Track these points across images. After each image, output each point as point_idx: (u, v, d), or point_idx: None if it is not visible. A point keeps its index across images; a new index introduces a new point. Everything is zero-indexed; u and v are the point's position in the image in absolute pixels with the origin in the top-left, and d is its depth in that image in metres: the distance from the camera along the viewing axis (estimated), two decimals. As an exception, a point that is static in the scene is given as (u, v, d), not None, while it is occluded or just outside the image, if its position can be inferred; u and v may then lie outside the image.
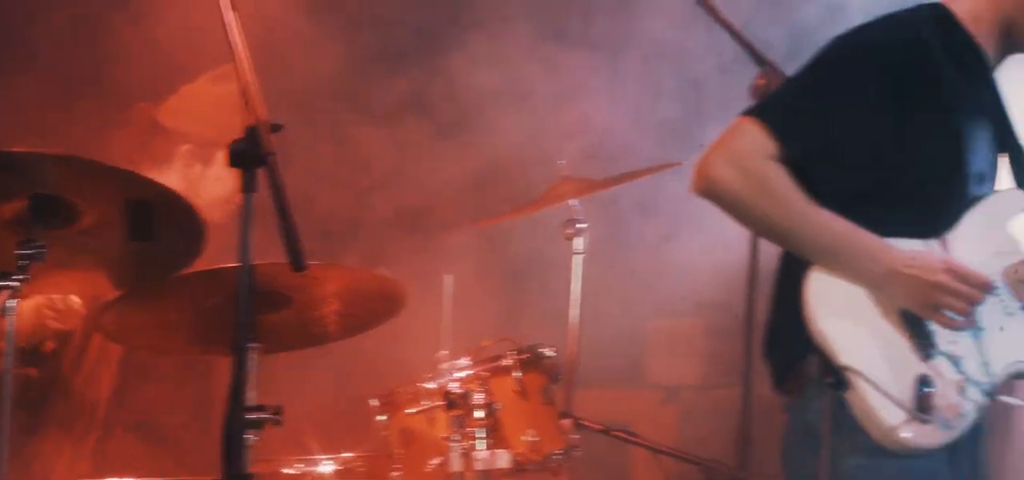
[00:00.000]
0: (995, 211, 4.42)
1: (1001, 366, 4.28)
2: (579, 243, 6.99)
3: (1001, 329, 4.30)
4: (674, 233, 8.20)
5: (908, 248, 4.23)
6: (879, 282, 4.19)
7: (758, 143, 4.19)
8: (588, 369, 7.06)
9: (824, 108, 4.25)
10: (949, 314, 4.19)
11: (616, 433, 6.85)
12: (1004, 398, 4.23)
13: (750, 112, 4.30)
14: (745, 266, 7.16)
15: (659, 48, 8.40)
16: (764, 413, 7.32)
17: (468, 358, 6.25)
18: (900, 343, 4.18)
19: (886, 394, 4.09)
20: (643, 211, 8.26)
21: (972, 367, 4.22)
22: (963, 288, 4.19)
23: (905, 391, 4.12)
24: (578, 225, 6.98)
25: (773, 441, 7.81)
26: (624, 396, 8.47)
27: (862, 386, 4.10)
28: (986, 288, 4.25)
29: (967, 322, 4.22)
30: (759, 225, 4.35)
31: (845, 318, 4.18)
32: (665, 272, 8.36)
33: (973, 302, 4.22)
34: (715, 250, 7.96)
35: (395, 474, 6.09)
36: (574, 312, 6.95)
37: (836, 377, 4.11)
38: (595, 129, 8.32)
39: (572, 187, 6.97)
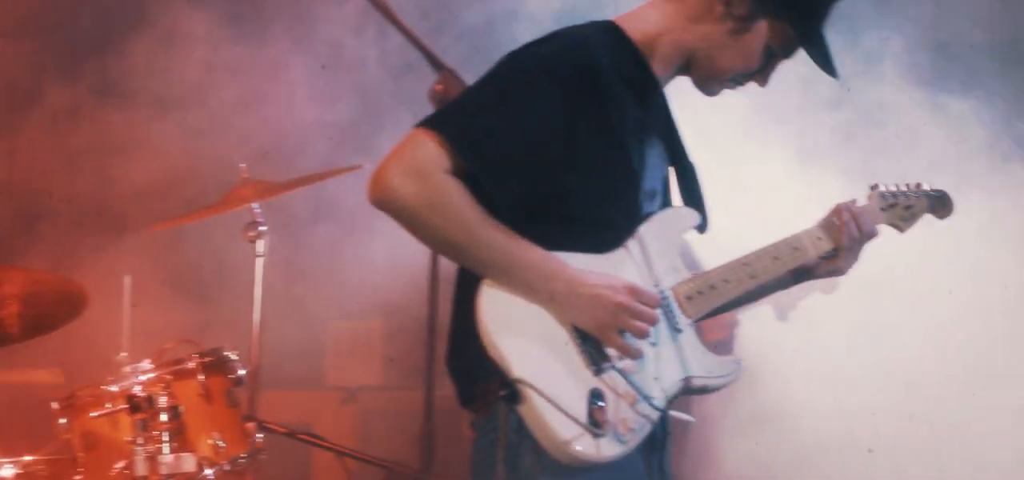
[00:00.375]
0: (665, 227, 4.45)
1: (671, 381, 4.30)
2: (260, 246, 6.96)
3: (671, 345, 4.33)
4: (353, 235, 8.24)
5: (592, 266, 4.23)
6: (555, 299, 4.17)
7: (433, 156, 4.10)
8: (269, 371, 7.05)
9: (498, 124, 4.18)
10: (626, 337, 4.20)
11: (301, 436, 6.86)
12: (675, 414, 4.27)
13: (426, 124, 4.18)
14: (424, 268, 7.26)
15: (335, 51, 8.44)
16: (447, 414, 7.43)
17: (150, 361, 6.19)
18: (572, 357, 4.17)
19: (559, 408, 4.07)
20: (322, 214, 8.29)
21: (643, 381, 4.23)
22: (644, 310, 4.21)
23: (578, 405, 4.10)
24: (259, 228, 6.94)
25: (456, 442, 7.94)
26: (305, 398, 8.47)
27: (535, 399, 4.07)
28: (657, 307, 4.28)
29: (639, 349, 4.23)
30: (433, 239, 4.24)
31: (518, 332, 4.14)
32: (344, 274, 8.39)
33: (652, 324, 4.24)
34: (395, 252, 8.03)
35: (78, 478, 6.01)
36: (256, 315, 6.92)
37: (510, 390, 4.06)
38: (274, 132, 8.32)
39: (252, 190, 6.93)
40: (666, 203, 4.56)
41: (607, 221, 4.33)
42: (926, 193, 5.01)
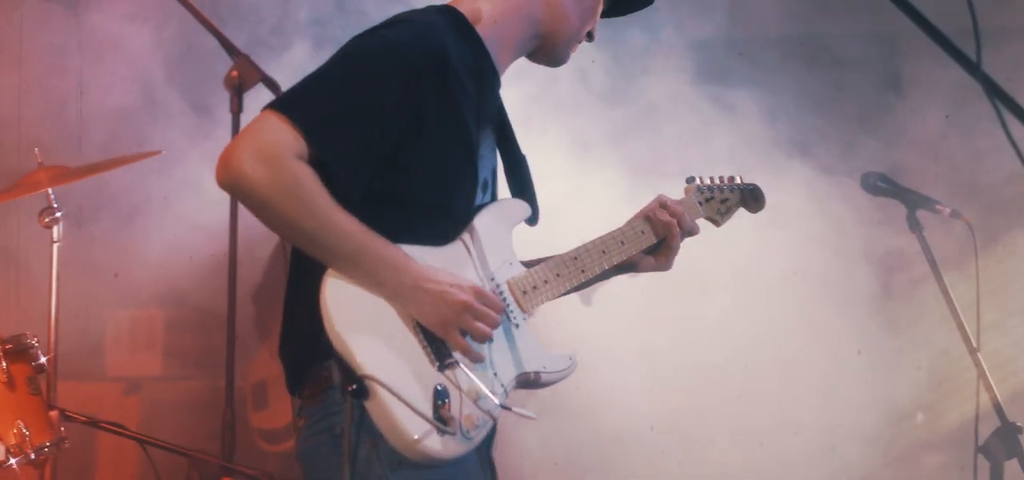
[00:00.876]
0: (498, 219, 4.44)
1: (511, 376, 4.30)
2: (56, 231, 6.85)
3: (509, 340, 4.33)
4: (133, 225, 8.15)
5: (434, 261, 4.20)
6: (400, 293, 4.12)
7: (285, 141, 4.00)
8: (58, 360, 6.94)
9: (348, 110, 4.11)
10: (468, 338, 4.17)
11: (106, 425, 6.76)
12: (516, 410, 4.26)
13: (276, 107, 4.09)
14: (206, 259, 7.22)
15: (111, 38, 8.31)
16: (242, 405, 7.43)
17: (-53, 348, 6.06)
18: (416, 353, 4.12)
19: (407, 405, 4.03)
20: (103, 203, 8.16)
21: (485, 377, 4.20)
22: (487, 313, 4.19)
23: (425, 402, 4.06)
24: (55, 213, 6.83)
25: (246, 431, 7.91)
26: (87, 389, 8.30)
27: (384, 396, 4.01)
28: (501, 311, 4.26)
29: (480, 351, 4.22)
30: (282, 226, 4.11)
31: (364, 326, 4.08)
32: (124, 264, 8.27)
33: (495, 327, 4.23)
34: (176, 243, 7.98)
35: None
36: (53, 301, 6.81)
37: (358, 386, 3.99)
38: (55, 120, 8.17)
39: (47, 175, 6.82)
40: (495, 194, 4.56)
41: (445, 210, 4.32)
42: (739, 186, 5.03)
